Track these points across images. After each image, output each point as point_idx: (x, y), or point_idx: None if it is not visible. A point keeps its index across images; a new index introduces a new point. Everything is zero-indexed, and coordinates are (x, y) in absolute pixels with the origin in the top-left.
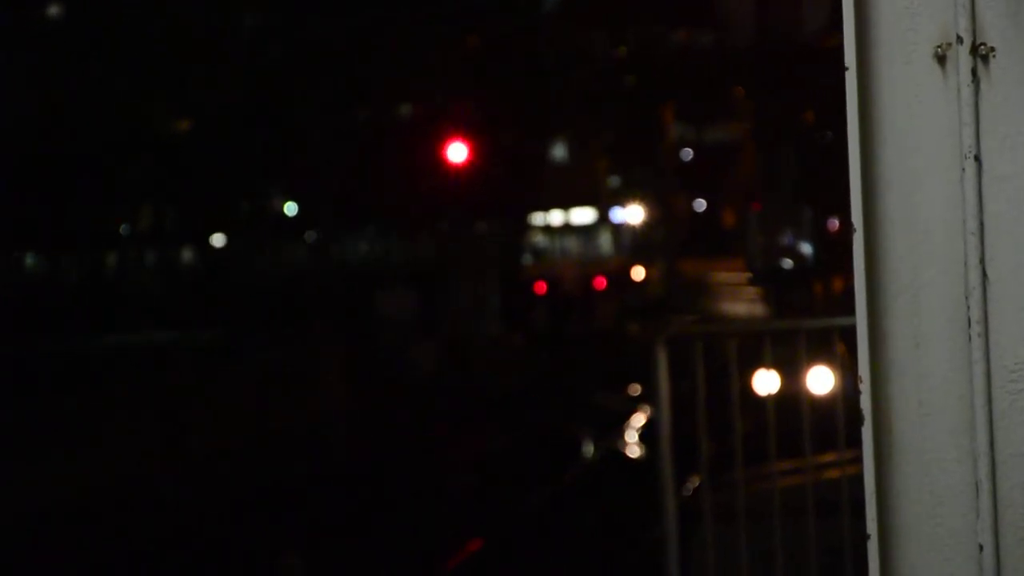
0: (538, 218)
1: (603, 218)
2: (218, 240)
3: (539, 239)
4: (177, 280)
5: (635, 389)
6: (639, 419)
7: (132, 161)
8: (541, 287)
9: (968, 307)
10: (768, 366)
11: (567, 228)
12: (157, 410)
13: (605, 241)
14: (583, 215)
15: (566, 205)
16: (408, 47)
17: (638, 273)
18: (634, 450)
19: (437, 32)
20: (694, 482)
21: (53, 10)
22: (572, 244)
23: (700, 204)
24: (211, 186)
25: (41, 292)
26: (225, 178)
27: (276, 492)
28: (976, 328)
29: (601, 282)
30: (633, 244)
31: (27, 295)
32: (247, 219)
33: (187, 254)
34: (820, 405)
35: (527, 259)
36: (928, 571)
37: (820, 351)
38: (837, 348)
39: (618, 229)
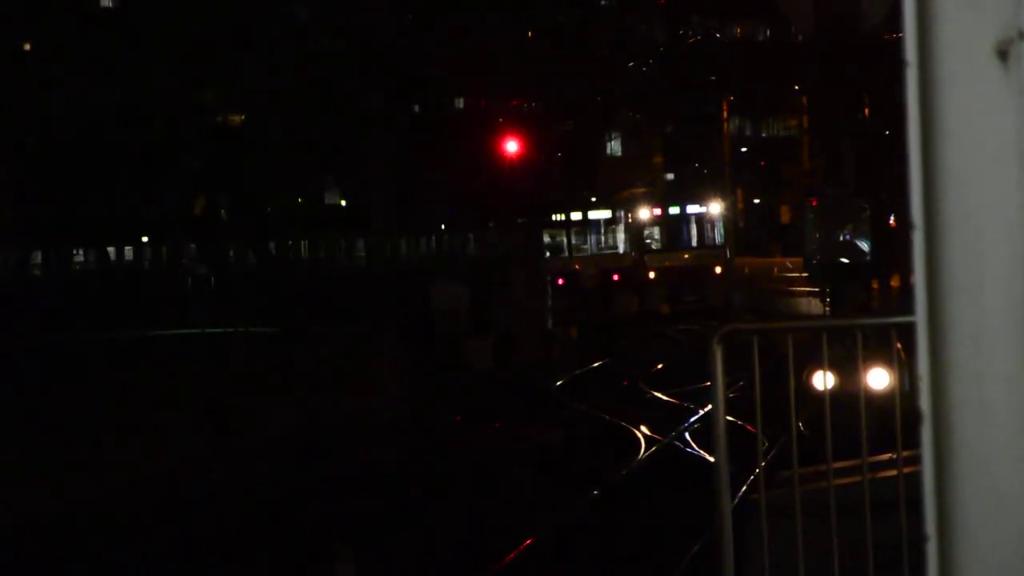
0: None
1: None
2: (274, 235)
3: (582, 234)
4: (234, 274)
5: (683, 383)
6: (695, 414)
7: (190, 155)
8: (559, 281)
9: None
10: (824, 364)
11: (609, 222)
12: (210, 401)
13: (657, 235)
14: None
15: (619, 200)
16: (464, 41)
17: (717, 269)
18: (690, 445)
19: (493, 26)
20: (750, 478)
21: (107, 1)
22: (612, 238)
23: (757, 200)
24: (268, 181)
25: (95, 284)
26: (282, 173)
27: (329, 483)
28: None
29: (615, 277)
30: (693, 239)
31: (82, 286)
32: (303, 214)
33: (242, 248)
34: (878, 403)
35: (573, 252)
36: (988, 572)
37: (879, 348)
38: (895, 346)
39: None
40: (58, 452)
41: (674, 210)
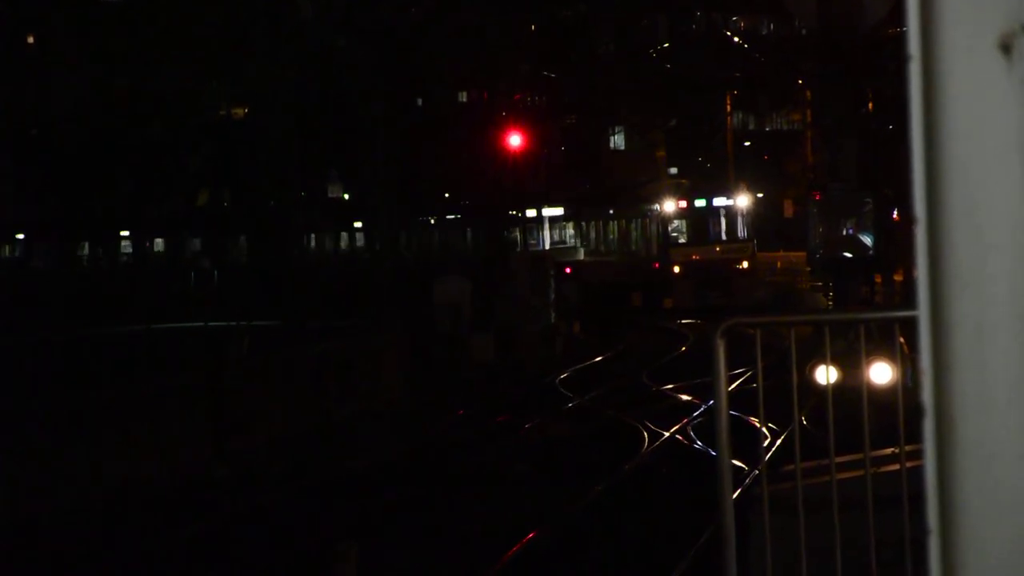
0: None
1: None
2: (277, 229)
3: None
4: (237, 268)
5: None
6: (698, 408)
7: (193, 150)
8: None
9: None
10: (827, 359)
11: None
12: (212, 397)
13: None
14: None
15: (625, 194)
16: (466, 35)
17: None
18: (694, 440)
19: (496, 20)
20: (753, 472)
21: None
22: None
23: (760, 194)
24: (270, 176)
25: (99, 278)
26: (285, 167)
27: (332, 478)
28: None
29: (567, 269)
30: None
31: (86, 281)
32: (306, 208)
33: (246, 242)
34: (881, 397)
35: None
36: (990, 567)
37: (882, 343)
38: (898, 340)
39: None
40: (58, 449)
41: (700, 203)
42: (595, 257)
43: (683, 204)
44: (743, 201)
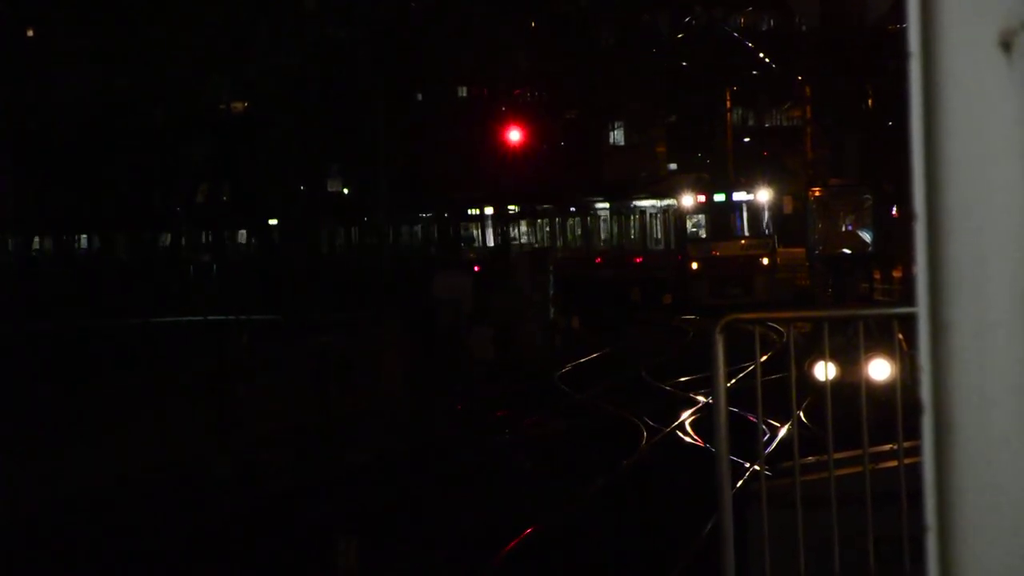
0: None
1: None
2: (276, 222)
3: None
4: (236, 261)
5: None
6: (697, 404)
7: (191, 142)
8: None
9: None
10: (826, 355)
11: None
12: (212, 392)
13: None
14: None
15: (625, 189)
16: (466, 33)
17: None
18: (692, 436)
19: (497, 14)
20: (752, 468)
21: None
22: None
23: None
24: (270, 170)
25: (98, 271)
26: (285, 161)
27: (332, 473)
28: None
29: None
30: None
31: (85, 274)
32: (305, 201)
33: (244, 236)
34: (879, 393)
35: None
36: (988, 564)
37: (880, 339)
38: (897, 336)
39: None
40: (58, 445)
41: (719, 197)
42: (565, 254)
43: (702, 199)
44: (764, 195)
